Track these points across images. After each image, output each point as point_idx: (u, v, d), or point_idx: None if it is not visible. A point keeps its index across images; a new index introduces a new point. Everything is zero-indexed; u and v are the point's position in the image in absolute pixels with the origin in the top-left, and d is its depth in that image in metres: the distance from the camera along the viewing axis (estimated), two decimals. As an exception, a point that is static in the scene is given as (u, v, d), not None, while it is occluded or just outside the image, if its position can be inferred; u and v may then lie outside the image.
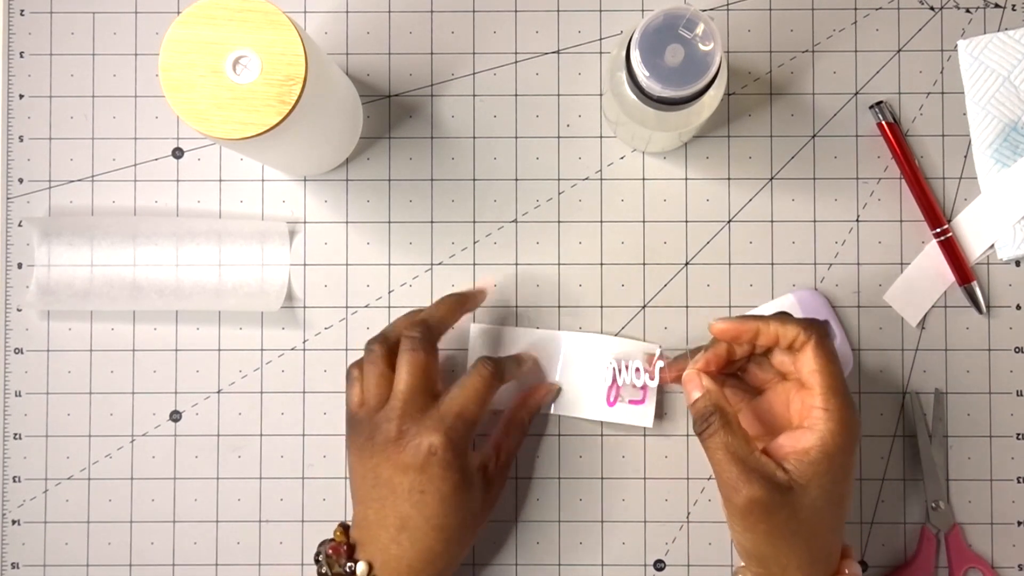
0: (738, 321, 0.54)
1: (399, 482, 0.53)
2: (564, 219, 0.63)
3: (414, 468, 0.53)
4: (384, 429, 0.54)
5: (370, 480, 0.54)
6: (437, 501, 0.53)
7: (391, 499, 0.53)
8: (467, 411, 0.54)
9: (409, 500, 0.53)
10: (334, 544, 0.54)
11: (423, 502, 0.53)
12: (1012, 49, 0.62)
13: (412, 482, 0.53)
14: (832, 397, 0.51)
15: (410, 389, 0.54)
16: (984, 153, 0.62)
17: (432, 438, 0.53)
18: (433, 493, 0.53)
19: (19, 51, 0.64)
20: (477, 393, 0.55)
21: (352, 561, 0.54)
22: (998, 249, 0.62)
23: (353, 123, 0.61)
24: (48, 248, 0.63)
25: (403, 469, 0.53)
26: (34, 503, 0.63)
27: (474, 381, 0.55)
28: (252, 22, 0.49)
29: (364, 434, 0.54)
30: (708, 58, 0.50)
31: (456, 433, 0.54)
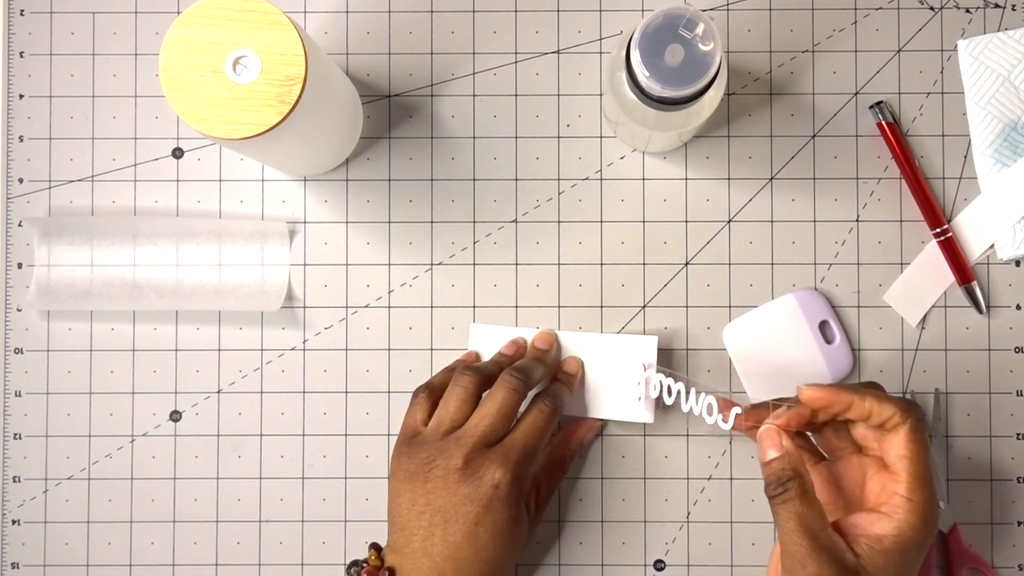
0: (831, 391, 0.51)
1: (456, 512, 0.53)
2: (564, 219, 0.63)
3: (475, 500, 0.53)
4: (451, 454, 0.53)
5: (420, 506, 0.54)
6: (490, 535, 0.53)
7: (442, 528, 0.53)
8: (530, 447, 0.54)
9: (463, 531, 0.53)
10: (370, 568, 0.54)
11: (476, 534, 0.53)
12: (1012, 49, 0.62)
13: (469, 514, 0.53)
14: (919, 488, 0.49)
15: (493, 428, 0.54)
16: (984, 153, 0.62)
17: (497, 473, 0.53)
18: (488, 527, 0.53)
19: (19, 51, 0.64)
20: (540, 430, 0.55)
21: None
22: (998, 249, 0.62)
23: (353, 123, 0.61)
24: (48, 248, 0.63)
25: (463, 500, 0.53)
26: (34, 503, 0.63)
27: (536, 418, 0.55)
28: (252, 22, 0.49)
29: (422, 456, 0.54)
30: (708, 58, 0.50)
31: (519, 469, 0.54)
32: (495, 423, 0.54)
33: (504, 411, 0.55)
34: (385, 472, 0.62)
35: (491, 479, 0.53)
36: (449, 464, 0.53)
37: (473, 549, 0.53)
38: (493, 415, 0.54)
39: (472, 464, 0.53)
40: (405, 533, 0.54)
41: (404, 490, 0.54)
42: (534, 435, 0.55)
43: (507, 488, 0.53)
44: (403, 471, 0.54)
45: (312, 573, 0.62)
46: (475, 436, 0.54)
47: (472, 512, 0.53)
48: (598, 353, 0.61)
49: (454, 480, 0.53)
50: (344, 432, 0.63)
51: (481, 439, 0.54)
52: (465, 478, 0.53)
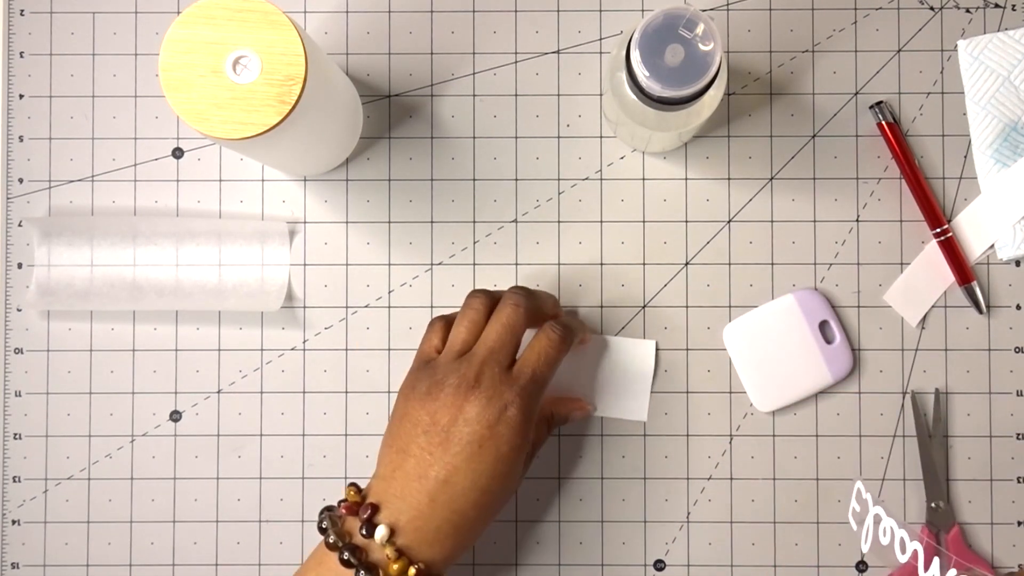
0: None
1: (458, 431, 0.50)
2: (564, 219, 0.63)
3: (481, 421, 0.50)
4: (461, 373, 0.51)
5: (423, 426, 0.51)
6: (492, 459, 0.50)
7: (441, 449, 0.50)
8: (538, 374, 0.53)
9: (464, 452, 0.50)
10: (348, 505, 0.51)
11: (478, 457, 0.50)
12: (1012, 49, 0.62)
13: (473, 433, 0.50)
14: None
15: (500, 341, 0.53)
16: (984, 153, 0.62)
17: (508, 396, 0.51)
18: (491, 450, 0.50)
19: (19, 51, 0.64)
20: (548, 357, 0.53)
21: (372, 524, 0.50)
22: (998, 249, 0.62)
23: (353, 123, 0.61)
24: (48, 248, 0.63)
25: (467, 419, 0.50)
26: (34, 503, 0.63)
27: (543, 345, 0.54)
28: (252, 22, 0.49)
29: (432, 378, 0.52)
30: (708, 58, 0.50)
31: (528, 395, 0.52)
32: (501, 337, 0.53)
33: (509, 325, 0.53)
34: (385, 472, 0.62)
35: (500, 400, 0.51)
36: (458, 382, 0.51)
37: (471, 473, 0.50)
38: (498, 329, 0.53)
39: (481, 383, 0.51)
40: (399, 457, 0.51)
41: (409, 410, 0.52)
42: (542, 362, 0.53)
43: (515, 413, 0.51)
44: (411, 391, 0.53)
45: (312, 573, 0.62)
46: (483, 352, 0.52)
47: (476, 432, 0.50)
48: (599, 353, 0.61)
49: (463, 398, 0.51)
50: (344, 432, 0.63)
51: (488, 354, 0.52)
52: (473, 397, 0.51)
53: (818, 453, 0.62)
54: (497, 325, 0.53)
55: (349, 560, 0.49)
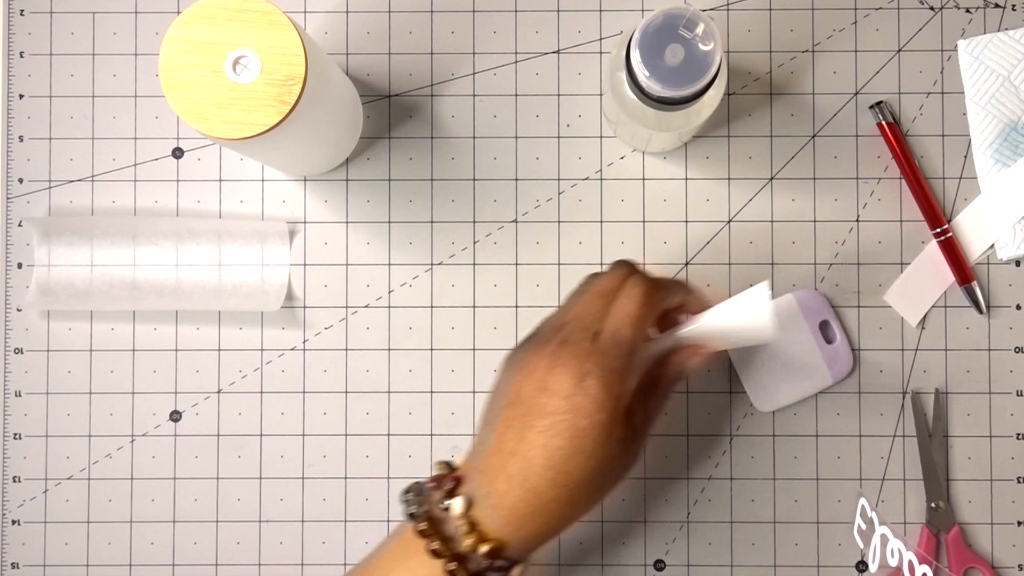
0: None
1: (538, 403, 0.46)
2: (564, 219, 0.63)
3: (558, 392, 0.46)
4: (544, 342, 0.48)
5: (508, 396, 0.48)
6: (569, 435, 0.46)
7: (519, 422, 0.46)
8: (619, 334, 0.47)
9: (540, 425, 0.46)
10: (435, 476, 0.48)
11: (552, 430, 0.46)
12: (1012, 49, 0.62)
13: (550, 404, 0.46)
14: None
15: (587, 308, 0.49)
16: (984, 153, 0.62)
17: (586, 365, 0.46)
18: (568, 425, 0.45)
19: (19, 51, 0.64)
20: (627, 314, 0.48)
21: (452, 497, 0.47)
22: (998, 249, 0.62)
23: (353, 123, 0.61)
24: (48, 248, 0.63)
25: (546, 391, 0.46)
26: (34, 503, 0.63)
27: (622, 302, 0.49)
28: (252, 22, 0.49)
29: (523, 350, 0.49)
30: (708, 58, 0.50)
31: (608, 361, 0.47)
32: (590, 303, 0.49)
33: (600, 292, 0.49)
34: (384, 473, 0.62)
35: (578, 370, 0.46)
36: (541, 352, 0.47)
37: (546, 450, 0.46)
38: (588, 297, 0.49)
39: (565, 348, 0.47)
40: (485, 431, 0.48)
41: (500, 382, 0.49)
42: (623, 322, 0.48)
43: (593, 382, 0.46)
44: (506, 363, 0.49)
45: (312, 573, 0.62)
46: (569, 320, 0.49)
47: (553, 404, 0.46)
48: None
49: (543, 369, 0.47)
50: (344, 432, 0.63)
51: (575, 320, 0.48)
52: (554, 367, 0.46)
53: (818, 453, 0.62)
54: (589, 293, 0.50)
55: (425, 531, 0.46)
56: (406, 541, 0.48)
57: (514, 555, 0.47)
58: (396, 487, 0.62)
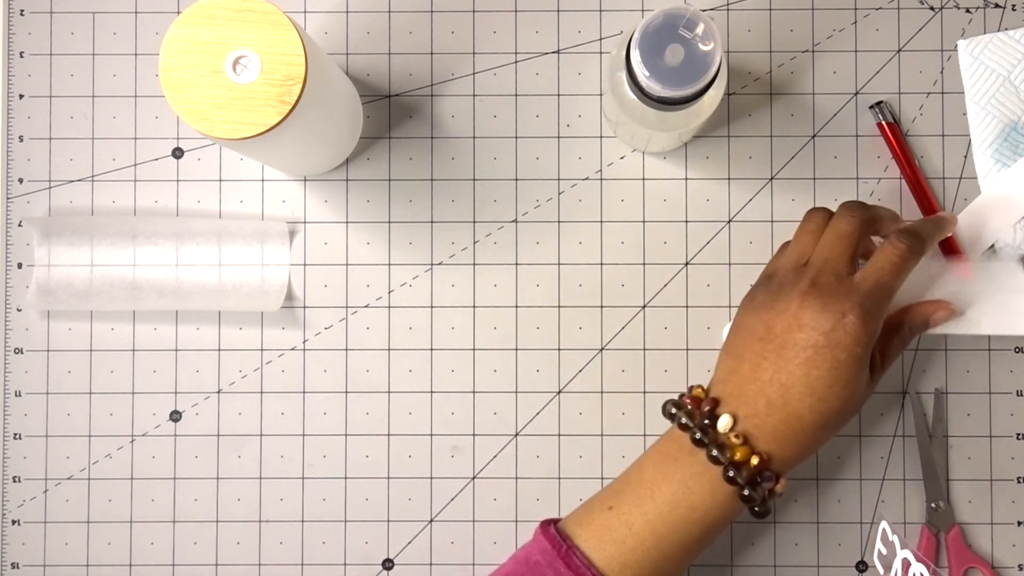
0: None
1: (793, 337, 0.50)
2: (564, 219, 0.63)
3: (817, 328, 0.50)
4: (796, 281, 0.51)
5: (759, 332, 0.51)
6: (829, 366, 0.50)
7: (775, 354, 0.51)
8: (883, 282, 0.51)
9: (798, 357, 0.50)
10: (692, 398, 0.52)
11: (813, 363, 0.50)
12: (1012, 49, 0.62)
13: (808, 339, 0.50)
14: None
15: (835, 250, 0.52)
16: (984, 153, 0.62)
17: (845, 303, 0.50)
18: (827, 357, 0.50)
19: (19, 51, 0.64)
20: (893, 266, 0.52)
21: (715, 415, 0.51)
22: (998, 249, 0.62)
23: (353, 123, 0.61)
24: (48, 248, 0.63)
25: (802, 326, 0.50)
26: (34, 503, 0.63)
27: (888, 254, 0.52)
28: (252, 22, 0.49)
29: (768, 289, 0.53)
30: (708, 58, 0.50)
31: (870, 303, 0.51)
32: (835, 246, 0.52)
33: (844, 234, 0.52)
34: (385, 472, 0.62)
35: (837, 307, 0.50)
36: (795, 289, 0.51)
37: (806, 378, 0.50)
38: (831, 238, 0.53)
39: (817, 291, 0.51)
40: (735, 360, 0.52)
41: (745, 320, 0.53)
42: (886, 270, 0.52)
43: (854, 320, 0.50)
44: (750, 303, 0.53)
45: (312, 573, 0.62)
46: (818, 262, 0.52)
47: (811, 339, 0.50)
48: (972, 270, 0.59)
49: (798, 305, 0.51)
50: (344, 432, 0.63)
51: (823, 263, 0.52)
52: (808, 304, 0.50)
53: (818, 453, 0.62)
54: (831, 234, 0.53)
55: (702, 440, 0.50)
56: (675, 449, 0.52)
57: (777, 469, 0.51)
58: (396, 487, 0.62)
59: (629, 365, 0.62)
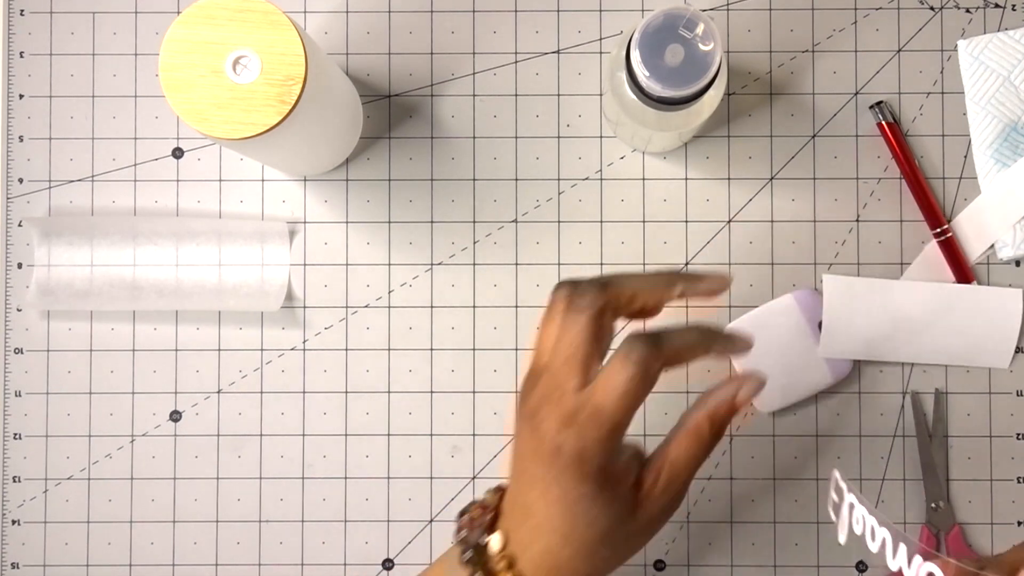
0: None
1: (529, 466, 0.45)
2: (564, 219, 0.63)
3: (540, 459, 0.44)
4: (530, 391, 0.45)
5: (515, 446, 0.46)
6: (561, 507, 0.44)
7: (525, 477, 0.45)
8: (605, 412, 0.43)
9: (536, 488, 0.44)
10: (479, 505, 0.48)
11: (547, 499, 0.44)
12: (1012, 49, 0.62)
13: (538, 472, 0.44)
14: None
15: (559, 360, 0.45)
16: (984, 153, 0.62)
17: (559, 434, 0.43)
18: (558, 496, 0.44)
19: (19, 51, 0.64)
20: (618, 393, 0.43)
21: (490, 531, 0.46)
22: (998, 249, 0.62)
23: (353, 123, 0.61)
24: (48, 248, 0.63)
25: (533, 453, 0.44)
26: (34, 503, 0.63)
27: (617, 376, 0.44)
28: (252, 22, 0.49)
29: (526, 391, 0.46)
30: (708, 58, 0.50)
31: (587, 433, 0.43)
32: (559, 353, 0.45)
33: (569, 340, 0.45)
34: (384, 473, 0.62)
35: (553, 440, 0.43)
36: (526, 406, 0.45)
37: (547, 515, 0.44)
38: (561, 341, 0.45)
39: (540, 414, 0.44)
40: (514, 468, 0.47)
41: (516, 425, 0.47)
42: (610, 396, 0.43)
43: (570, 455, 0.43)
44: (522, 402, 0.47)
45: (312, 573, 0.62)
46: (546, 374, 0.45)
47: (541, 472, 0.44)
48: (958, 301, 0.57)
49: (528, 428, 0.45)
50: (344, 432, 0.63)
51: (550, 377, 0.45)
52: (533, 429, 0.44)
53: (818, 453, 0.62)
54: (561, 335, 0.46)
55: (471, 559, 0.46)
56: (448, 566, 0.47)
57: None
58: (396, 487, 0.62)
59: (629, 365, 0.62)
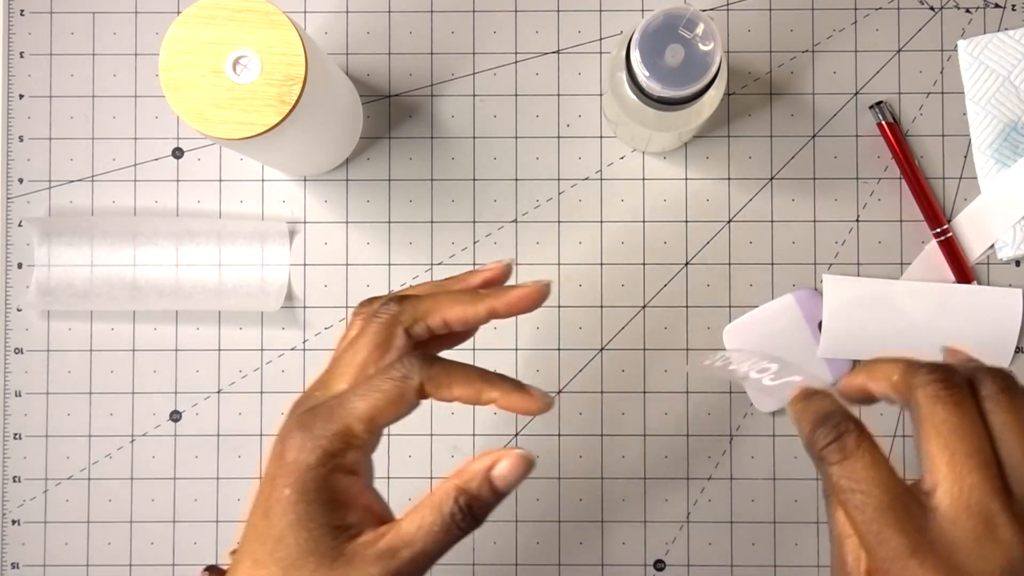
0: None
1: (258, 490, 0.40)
2: (564, 219, 0.63)
3: (265, 479, 0.39)
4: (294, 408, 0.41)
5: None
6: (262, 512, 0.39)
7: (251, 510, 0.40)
8: (346, 405, 0.39)
9: (250, 518, 0.39)
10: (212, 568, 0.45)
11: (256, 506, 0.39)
12: (1012, 49, 0.62)
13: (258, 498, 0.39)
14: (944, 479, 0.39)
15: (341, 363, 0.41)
16: (984, 153, 0.62)
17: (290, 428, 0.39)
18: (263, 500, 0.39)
19: (19, 51, 0.64)
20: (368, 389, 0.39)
21: None
22: (998, 249, 0.62)
23: (353, 123, 0.61)
24: (48, 248, 0.63)
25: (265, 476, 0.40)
26: (34, 503, 0.63)
27: (377, 379, 0.40)
28: (252, 22, 0.49)
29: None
30: (708, 58, 0.50)
31: (317, 425, 0.39)
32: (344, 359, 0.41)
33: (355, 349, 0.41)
34: (384, 473, 0.62)
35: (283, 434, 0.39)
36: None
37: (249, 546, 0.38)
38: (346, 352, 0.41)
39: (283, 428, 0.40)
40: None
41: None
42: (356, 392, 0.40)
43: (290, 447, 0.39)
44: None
45: (312, 573, 0.62)
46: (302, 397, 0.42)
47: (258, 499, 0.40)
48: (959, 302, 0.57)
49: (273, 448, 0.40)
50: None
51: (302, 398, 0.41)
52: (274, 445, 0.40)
53: (818, 453, 0.62)
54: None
55: None
56: None
57: None
58: (396, 487, 0.62)
59: (629, 365, 0.62)
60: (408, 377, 0.39)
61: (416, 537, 0.38)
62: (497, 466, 0.40)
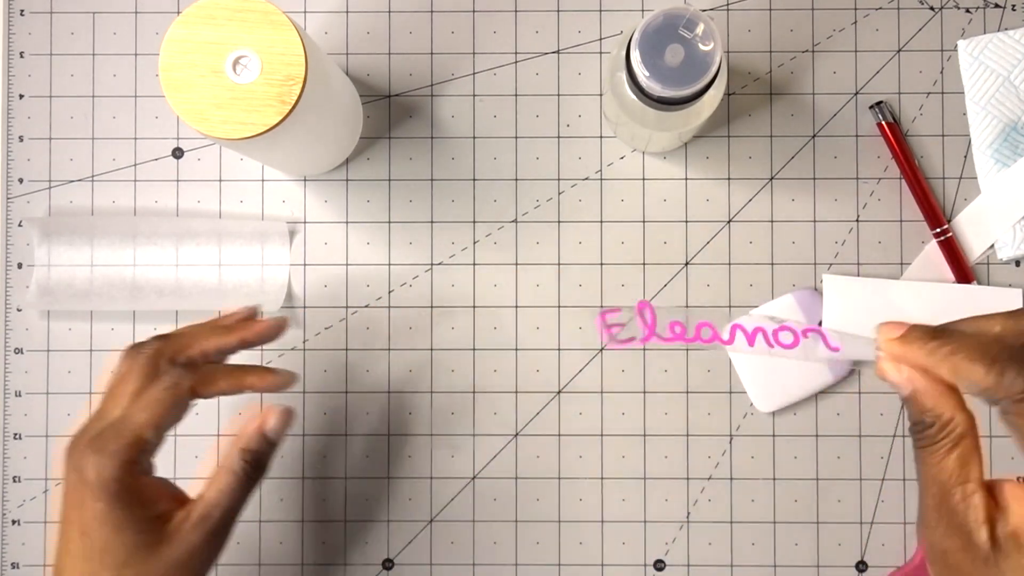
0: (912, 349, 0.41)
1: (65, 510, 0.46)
2: (564, 219, 0.63)
3: (68, 492, 0.45)
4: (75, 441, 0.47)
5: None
6: (79, 533, 0.44)
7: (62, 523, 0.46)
8: (129, 421, 0.46)
9: (67, 525, 0.45)
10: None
11: (67, 530, 0.45)
12: (1012, 49, 0.62)
13: (67, 506, 0.45)
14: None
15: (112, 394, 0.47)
16: (984, 153, 0.62)
17: (83, 457, 0.44)
18: (76, 520, 0.45)
19: (19, 51, 0.64)
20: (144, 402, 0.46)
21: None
22: (998, 249, 0.62)
23: (353, 123, 0.61)
24: (48, 248, 0.63)
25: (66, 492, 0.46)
26: (34, 503, 0.63)
27: (150, 390, 0.47)
28: (252, 22, 0.49)
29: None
30: (708, 58, 0.50)
31: (107, 446, 0.45)
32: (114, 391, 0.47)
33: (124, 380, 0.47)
34: (385, 472, 0.62)
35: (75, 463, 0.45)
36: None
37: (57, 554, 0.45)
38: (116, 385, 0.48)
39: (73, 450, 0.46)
40: None
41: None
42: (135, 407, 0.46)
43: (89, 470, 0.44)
44: None
45: (312, 573, 0.62)
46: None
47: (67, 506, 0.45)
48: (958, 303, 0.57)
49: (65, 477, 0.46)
50: (344, 432, 0.63)
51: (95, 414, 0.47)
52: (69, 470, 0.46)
53: (818, 453, 0.62)
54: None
55: None
56: None
57: None
58: (396, 487, 0.62)
59: (629, 365, 0.62)
60: (179, 383, 0.47)
61: (221, 498, 0.48)
62: (267, 423, 0.50)
